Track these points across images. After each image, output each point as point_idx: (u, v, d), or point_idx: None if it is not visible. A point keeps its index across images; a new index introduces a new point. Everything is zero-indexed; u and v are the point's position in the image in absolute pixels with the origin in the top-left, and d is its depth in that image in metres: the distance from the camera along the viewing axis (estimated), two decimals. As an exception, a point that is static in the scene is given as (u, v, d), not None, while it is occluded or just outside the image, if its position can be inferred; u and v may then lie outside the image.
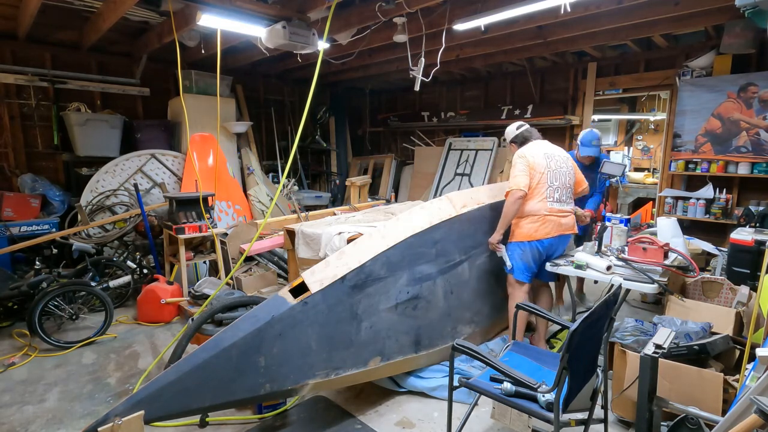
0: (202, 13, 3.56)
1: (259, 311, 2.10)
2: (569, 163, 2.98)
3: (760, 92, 4.36)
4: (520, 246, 2.86)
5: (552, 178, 2.84)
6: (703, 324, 2.46)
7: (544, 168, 2.82)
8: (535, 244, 2.82)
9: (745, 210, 4.17)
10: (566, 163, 2.95)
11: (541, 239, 2.81)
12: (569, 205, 2.94)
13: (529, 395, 1.75)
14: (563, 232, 2.87)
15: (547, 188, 2.82)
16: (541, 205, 2.82)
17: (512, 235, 2.91)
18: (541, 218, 2.81)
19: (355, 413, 2.52)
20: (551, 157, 2.88)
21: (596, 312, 1.71)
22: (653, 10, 3.83)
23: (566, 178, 2.91)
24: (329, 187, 8.15)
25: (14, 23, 4.46)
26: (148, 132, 5.49)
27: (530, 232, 2.82)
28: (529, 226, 2.82)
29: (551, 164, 2.85)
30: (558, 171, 2.87)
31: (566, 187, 2.90)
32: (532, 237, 2.81)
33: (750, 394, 1.37)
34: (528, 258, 2.84)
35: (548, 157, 2.87)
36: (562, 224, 2.85)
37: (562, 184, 2.88)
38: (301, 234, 3.61)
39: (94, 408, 2.59)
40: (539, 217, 2.81)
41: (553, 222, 2.82)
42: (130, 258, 4.50)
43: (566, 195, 2.91)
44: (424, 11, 3.94)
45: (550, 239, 2.83)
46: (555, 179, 2.85)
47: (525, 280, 2.88)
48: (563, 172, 2.90)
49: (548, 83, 6.35)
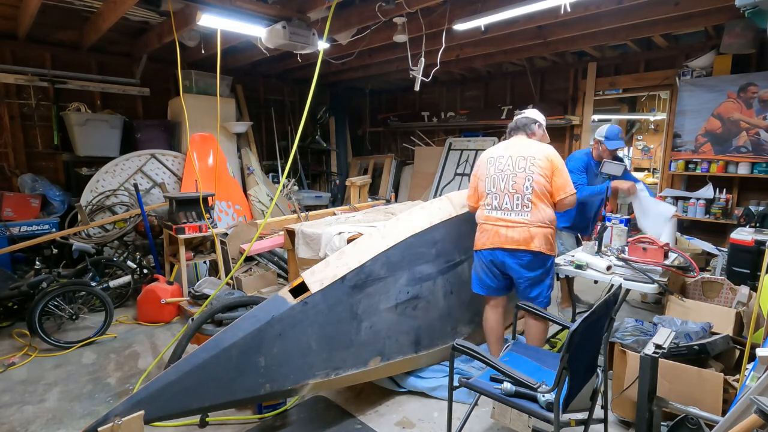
0: (202, 13, 3.56)
1: (259, 311, 2.10)
2: (528, 165, 2.50)
3: (760, 92, 4.36)
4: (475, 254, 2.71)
5: (490, 184, 2.59)
6: (703, 324, 2.46)
7: (484, 175, 2.63)
8: (479, 254, 2.64)
9: (745, 210, 4.17)
10: (517, 165, 2.52)
11: (481, 249, 2.61)
12: (521, 215, 2.49)
13: (529, 395, 1.75)
14: (504, 246, 2.49)
15: (486, 195, 2.61)
16: (480, 212, 2.64)
17: None
18: (480, 227, 2.63)
19: (355, 413, 2.52)
20: (494, 161, 2.61)
21: (596, 312, 1.71)
22: (653, 10, 3.83)
23: (511, 183, 2.51)
24: (329, 187, 8.15)
25: (14, 23, 4.46)
26: (148, 132, 5.49)
27: (475, 240, 2.66)
28: (476, 235, 2.66)
29: (490, 169, 2.60)
30: (499, 175, 2.56)
31: (513, 193, 2.51)
32: (476, 246, 2.65)
33: (750, 394, 1.37)
34: (477, 269, 2.69)
35: (491, 161, 2.62)
36: (501, 236, 2.50)
37: (505, 190, 2.53)
38: (301, 234, 3.61)
39: (94, 408, 2.59)
40: (479, 226, 2.64)
41: (488, 232, 2.56)
42: (130, 258, 4.50)
43: (515, 203, 2.50)
44: (424, 11, 3.94)
45: (488, 251, 2.56)
46: (493, 185, 2.58)
47: (479, 291, 2.70)
48: (507, 176, 2.53)
49: (548, 83, 6.35)
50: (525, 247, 2.46)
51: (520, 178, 2.50)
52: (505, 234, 2.49)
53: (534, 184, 2.47)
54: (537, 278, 2.54)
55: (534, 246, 2.45)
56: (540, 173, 2.48)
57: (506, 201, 2.53)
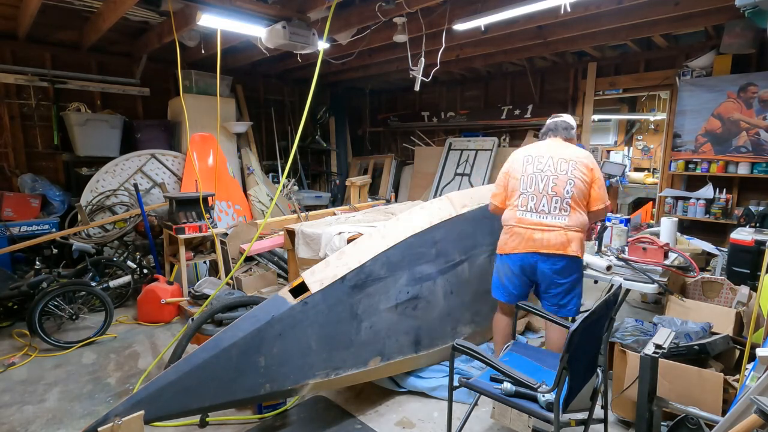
0: (202, 13, 3.56)
1: (259, 311, 2.10)
2: (570, 168, 2.40)
3: (760, 92, 4.36)
4: (496, 260, 2.60)
5: (527, 183, 2.44)
6: (703, 324, 2.46)
7: (519, 173, 2.48)
8: (505, 258, 2.50)
9: (745, 210, 4.18)
10: (559, 167, 2.41)
11: (509, 254, 2.46)
12: (558, 218, 2.37)
13: (529, 395, 1.75)
14: (539, 250, 2.35)
15: (520, 195, 2.45)
16: (512, 214, 2.48)
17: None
18: (510, 230, 2.47)
19: (355, 413, 2.52)
20: (533, 160, 2.47)
21: (596, 312, 1.71)
22: (653, 10, 3.83)
23: (551, 185, 2.39)
24: (329, 187, 8.15)
25: (14, 23, 4.46)
26: (148, 132, 5.49)
27: (501, 244, 2.53)
28: (502, 238, 2.53)
29: (528, 168, 2.46)
30: (538, 175, 2.42)
31: (551, 195, 2.39)
32: (502, 250, 2.51)
33: (750, 394, 1.37)
34: (500, 274, 2.54)
35: (528, 159, 2.48)
36: (536, 240, 2.36)
37: (543, 192, 2.40)
38: (301, 234, 3.61)
39: (94, 408, 2.59)
40: (509, 228, 2.48)
41: (520, 235, 2.40)
42: (130, 258, 4.50)
43: (552, 206, 2.38)
44: (424, 11, 3.94)
45: (519, 255, 2.42)
46: (530, 185, 2.43)
47: (499, 297, 2.58)
48: (547, 177, 2.41)
49: (548, 83, 6.36)
50: (562, 251, 2.33)
51: (562, 180, 2.38)
52: (541, 237, 2.35)
53: (575, 189, 2.36)
54: (570, 285, 2.41)
55: (571, 250, 2.33)
56: (581, 179, 2.38)
57: (544, 203, 2.39)
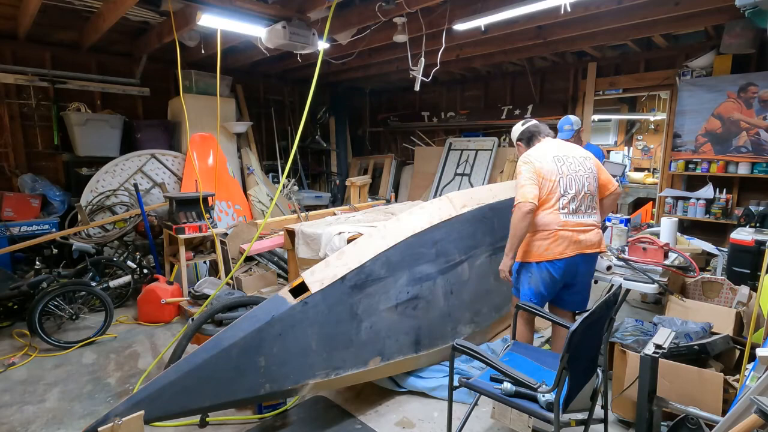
0: (202, 13, 3.56)
1: (259, 311, 2.10)
2: (589, 164, 2.44)
3: (760, 92, 4.36)
4: (528, 268, 2.42)
5: (566, 185, 2.35)
6: (703, 324, 2.46)
7: (556, 174, 2.35)
8: (546, 265, 2.36)
9: (745, 210, 4.17)
10: (584, 165, 2.42)
11: (553, 260, 2.34)
12: (592, 216, 2.40)
13: (529, 395, 1.75)
14: (583, 251, 2.35)
15: (560, 198, 2.34)
16: (553, 217, 2.34)
17: (520, 254, 2.45)
18: (553, 234, 2.33)
19: (355, 413, 2.52)
20: (563, 160, 2.40)
21: (596, 312, 1.71)
22: (653, 10, 3.83)
23: (586, 183, 2.38)
24: (329, 187, 8.15)
25: (14, 23, 4.45)
26: (148, 132, 5.49)
27: (540, 251, 2.36)
28: (539, 244, 2.36)
29: (563, 168, 2.37)
30: (574, 176, 2.37)
31: (587, 194, 2.39)
32: (543, 257, 2.36)
33: (750, 394, 1.37)
34: (537, 282, 2.40)
35: (559, 159, 2.39)
36: (581, 241, 2.34)
37: (581, 192, 2.36)
38: (301, 234, 3.61)
39: (94, 408, 2.59)
40: (550, 233, 2.34)
41: (567, 239, 2.33)
42: (130, 258, 4.50)
43: (587, 204, 2.39)
44: (424, 11, 3.94)
45: (566, 260, 2.34)
46: (570, 186, 2.35)
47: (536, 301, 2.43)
48: (581, 177, 2.38)
49: (548, 83, 6.36)
50: (598, 249, 2.41)
51: (591, 178, 2.42)
52: (584, 239, 2.36)
53: (596, 183, 2.45)
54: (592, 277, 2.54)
55: (603, 247, 2.44)
56: (594, 173, 2.45)
57: (584, 203, 2.38)
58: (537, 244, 2.37)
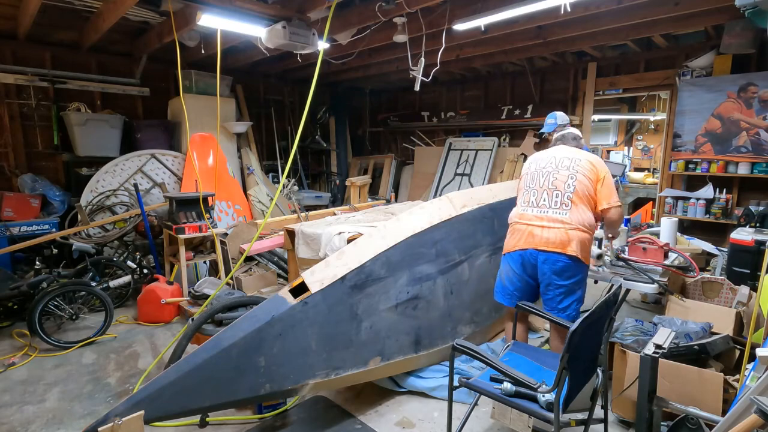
0: (202, 13, 3.56)
1: (259, 311, 2.10)
2: (575, 166, 2.35)
3: (760, 92, 4.36)
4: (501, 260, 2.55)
5: (528, 180, 2.45)
6: (703, 324, 2.46)
7: (525, 173, 2.53)
8: (506, 257, 2.46)
9: (745, 210, 4.17)
10: (563, 164, 2.38)
11: (509, 252, 2.42)
12: (560, 214, 2.29)
13: (529, 395, 1.75)
14: (539, 247, 2.28)
15: (524, 191, 2.45)
16: (515, 211, 2.46)
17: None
18: (512, 227, 2.44)
19: (355, 413, 2.52)
20: (538, 160, 2.50)
21: (596, 312, 1.71)
22: (653, 10, 3.83)
23: (553, 180, 2.36)
24: (329, 187, 8.15)
25: (14, 23, 4.45)
26: (148, 132, 5.49)
27: (505, 244, 2.50)
28: (506, 239, 2.51)
29: (532, 167, 2.49)
30: (539, 172, 2.43)
31: (552, 190, 2.35)
32: (505, 250, 2.47)
33: (750, 394, 1.37)
34: (502, 274, 2.50)
35: (535, 160, 2.52)
36: (536, 236, 2.30)
37: (544, 186, 2.37)
38: (301, 234, 3.61)
39: (94, 408, 2.59)
40: (511, 227, 2.46)
41: (521, 231, 2.37)
42: (130, 258, 4.50)
43: (553, 200, 2.32)
44: (424, 11, 3.94)
45: (519, 252, 2.36)
46: (533, 181, 2.42)
47: (500, 300, 2.54)
48: (548, 173, 2.39)
49: (548, 83, 6.36)
50: (561, 250, 2.25)
51: (563, 175, 2.34)
52: (540, 235, 2.29)
53: (577, 183, 2.30)
54: (569, 288, 2.30)
55: (570, 250, 2.24)
56: (585, 174, 2.32)
57: (544, 197, 2.34)
58: (506, 238, 2.51)
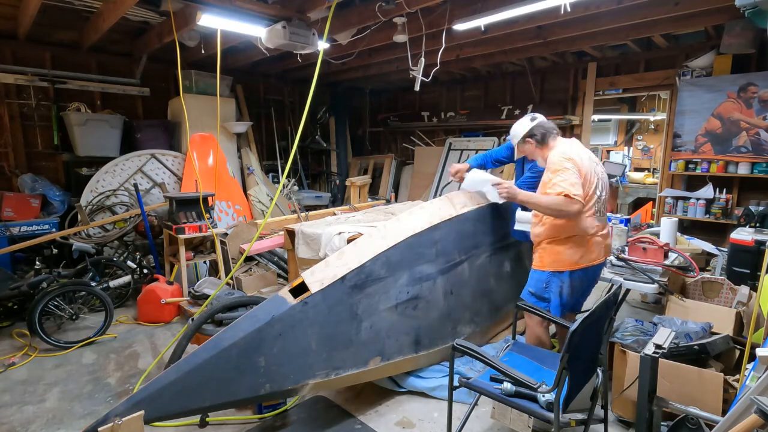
0: (202, 13, 3.56)
1: (259, 311, 2.10)
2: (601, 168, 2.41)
3: (760, 92, 4.36)
4: (560, 277, 2.28)
5: (602, 188, 2.29)
6: (703, 324, 2.46)
7: (594, 176, 2.24)
8: (579, 273, 2.27)
9: (745, 210, 4.17)
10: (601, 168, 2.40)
11: (586, 267, 2.26)
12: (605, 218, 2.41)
13: (529, 395, 1.75)
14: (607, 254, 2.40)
15: (596, 202, 2.24)
16: (589, 222, 2.22)
17: (548, 263, 2.31)
18: (588, 240, 2.23)
19: (355, 413, 2.52)
20: (596, 162, 2.33)
21: (596, 312, 1.71)
22: (653, 10, 3.83)
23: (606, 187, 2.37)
24: (329, 187, 8.15)
25: (14, 23, 4.45)
26: (148, 132, 5.49)
27: (575, 258, 2.24)
28: (573, 251, 2.23)
29: (598, 170, 2.29)
30: (604, 180, 2.34)
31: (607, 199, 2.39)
32: (578, 265, 2.24)
33: (750, 394, 1.37)
34: (567, 292, 2.30)
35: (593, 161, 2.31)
36: (609, 245, 2.38)
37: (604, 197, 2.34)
38: (301, 234, 3.60)
39: (94, 408, 2.59)
40: (586, 238, 2.23)
41: (599, 244, 2.28)
42: (130, 258, 4.50)
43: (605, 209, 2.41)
44: (424, 11, 3.94)
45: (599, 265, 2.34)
46: (604, 190, 2.31)
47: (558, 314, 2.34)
48: (605, 181, 2.37)
49: (548, 83, 6.35)
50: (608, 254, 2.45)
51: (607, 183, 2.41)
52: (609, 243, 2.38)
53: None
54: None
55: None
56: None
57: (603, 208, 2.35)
58: (571, 251, 2.23)
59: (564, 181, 2.13)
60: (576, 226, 2.21)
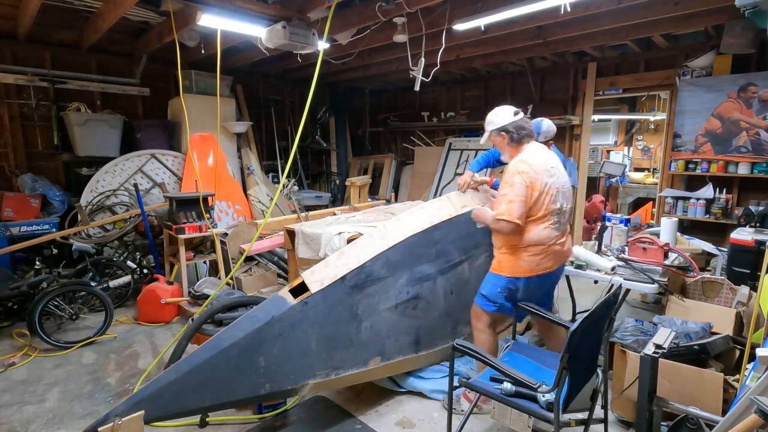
0: (202, 13, 3.56)
1: (259, 311, 2.10)
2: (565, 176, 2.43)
3: (760, 92, 4.36)
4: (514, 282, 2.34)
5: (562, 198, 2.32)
6: (703, 324, 2.46)
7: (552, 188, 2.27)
8: (534, 279, 2.34)
9: (745, 210, 4.17)
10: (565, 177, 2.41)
11: (541, 274, 2.34)
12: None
13: (529, 395, 1.75)
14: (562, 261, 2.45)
15: (555, 213, 2.29)
16: (547, 233, 2.28)
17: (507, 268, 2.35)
18: (545, 249, 2.30)
19: (355, 413, 2.52)
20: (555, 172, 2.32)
21: (596, 312, 1.71)
22: (653, 10, 3.83)
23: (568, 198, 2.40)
24: (329, 187, 8.15)
25: (14, 23, 4.45)
26: (148, 132, 5.49)
27: (532, 266, 2.30)
28: (531, 260, 2.30)
29: (557, 181, 2.31)
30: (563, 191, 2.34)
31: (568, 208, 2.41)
32: (533, 272, 2.31)
33: (750, 394, 1.37)
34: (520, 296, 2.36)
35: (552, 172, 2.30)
36: (562, 252, 2.40)
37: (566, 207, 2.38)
38: (301, 234, 3.60)
39: (94, 408, 2.59)
40: (543, 249, 2.29)
41: (556, 253, 2.34)
42: (130, 258, 4.50)
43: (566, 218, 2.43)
44: (424, 11, 3.94)
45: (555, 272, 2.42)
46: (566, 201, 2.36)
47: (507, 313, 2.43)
48: (567, 191, 2.38)
49: (548, 83, 6.35)
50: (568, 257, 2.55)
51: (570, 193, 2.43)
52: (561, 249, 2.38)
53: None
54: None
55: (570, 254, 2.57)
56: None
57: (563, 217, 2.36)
58: (529, 259, 2.30)
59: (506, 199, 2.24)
60: (532, 239, 2.29)
